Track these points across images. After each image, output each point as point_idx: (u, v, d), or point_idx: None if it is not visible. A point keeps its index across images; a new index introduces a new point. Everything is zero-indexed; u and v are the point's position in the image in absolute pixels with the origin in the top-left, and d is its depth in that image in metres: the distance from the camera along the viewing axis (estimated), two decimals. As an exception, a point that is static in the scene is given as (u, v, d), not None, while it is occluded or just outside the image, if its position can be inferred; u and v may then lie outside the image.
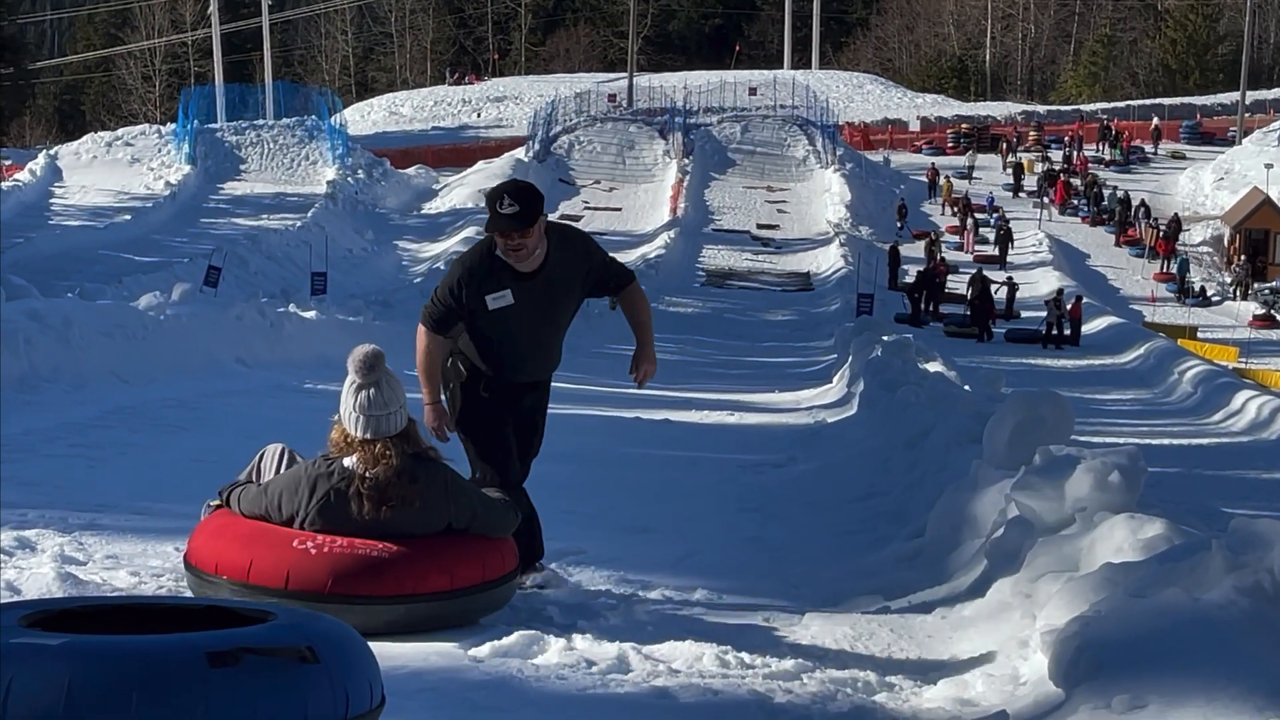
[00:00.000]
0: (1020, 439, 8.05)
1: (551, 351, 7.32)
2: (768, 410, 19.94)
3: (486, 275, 6.98)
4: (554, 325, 7.23)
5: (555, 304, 7.13)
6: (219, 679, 3.84)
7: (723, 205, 66.22)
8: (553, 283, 7.06)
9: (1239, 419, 29.12)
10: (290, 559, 6.30)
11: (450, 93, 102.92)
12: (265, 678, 3.92)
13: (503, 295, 6.98)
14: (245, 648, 3.94)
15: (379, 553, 6.32)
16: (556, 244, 7.08)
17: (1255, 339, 46.26)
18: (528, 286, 7.00)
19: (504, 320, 7.03)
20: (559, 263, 7.06)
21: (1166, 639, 4.81)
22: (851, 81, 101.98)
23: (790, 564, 8.44)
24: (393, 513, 6.40)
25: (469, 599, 6.46)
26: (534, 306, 7.04)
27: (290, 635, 4.10)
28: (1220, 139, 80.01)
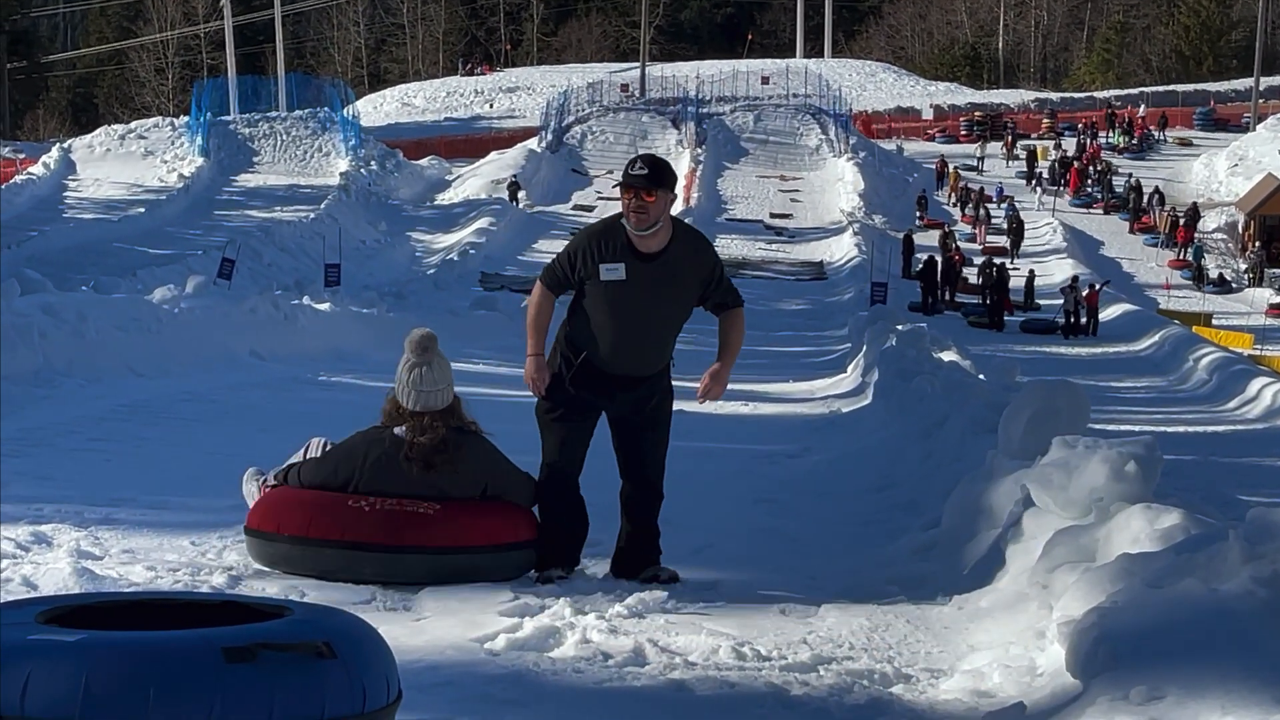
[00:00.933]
0: (1036, 429, 8.02)
1: (654, 348, 7.31)
2: (782, 400, 19.93)
3: (608, 244, 7.11)
4: (661, 318, 7.23)
5: (666, 296, 7.16)
6: (235, 674, 3.85)
7: (736, 195, 66.19)
8: (668, 272, 7.12)
9: (1254, 406, 29.07)
10: (346, 515, 7.20)
11: (463, 83, 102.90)
12: (282, 673, 3.93)
13: (617, 268, 7.07)
14: (262, 643, 3.95)
15: (423, 510, 7.25)
16: (682, 237, 7.21)
17: (1270, 325, 46.14)
18: (644, 268, 7.07)
19: (612, 297, 7.10)
20: (680, 255, 7.15)
21: (1184, 630, 4.79)
22: (864, 70, 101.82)
23: (806, 555, 8.42)
24: (436, 476, 7.31)
25: (501, 555, 7.32)
26: (644, 291, 7.09)
27: (307, 630, 4.11)
28: (1234, 125, 79.80)
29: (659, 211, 7.01)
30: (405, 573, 7.14)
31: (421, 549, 7.17)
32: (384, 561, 7.15)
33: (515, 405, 16.98)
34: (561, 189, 66.74)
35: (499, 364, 23.34)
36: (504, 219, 57.78)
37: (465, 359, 22.89)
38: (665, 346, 7.38)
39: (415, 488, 7.31)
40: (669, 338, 7.37)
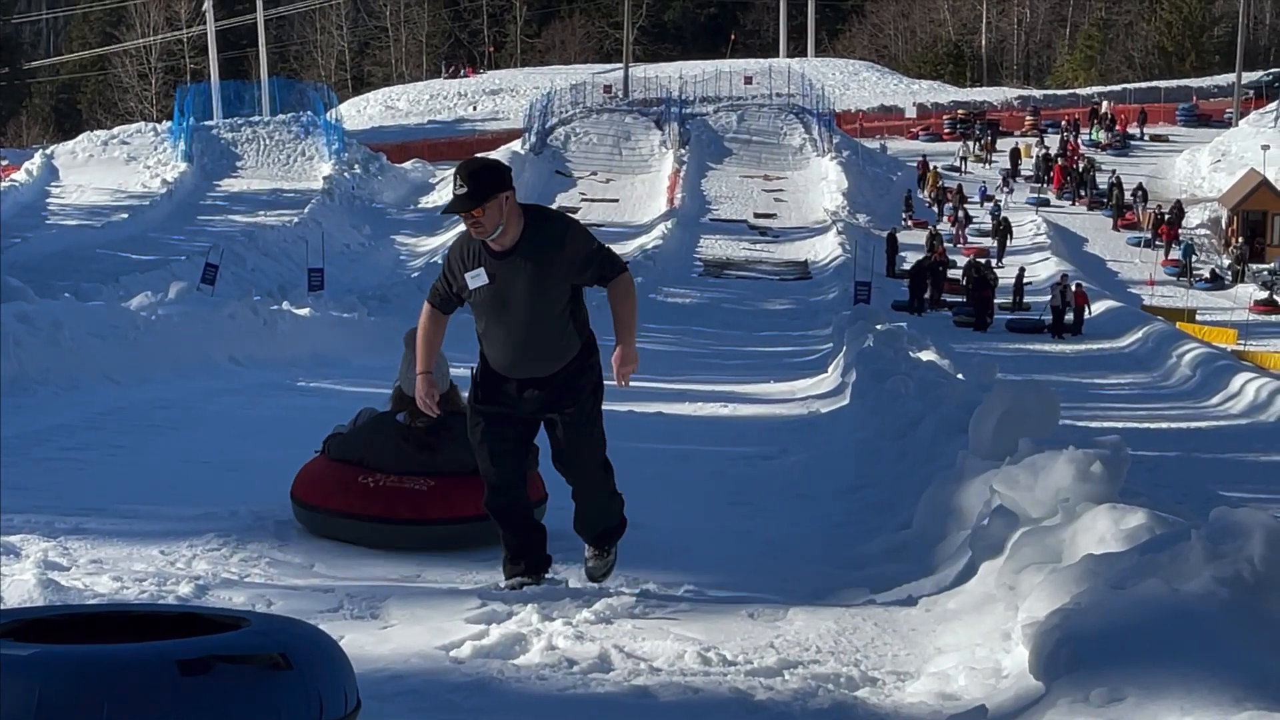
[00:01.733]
0: (1005, 429, 8.03)
1: (545, 343, 7.07)
2: (762, 401, 19.90)
3: (468, 252, 6.98)
4: (537, 311, 6.99)
5: (536, 287, 6.94)
6: (190, 687, 3.83)
7: (719, 195, 66.17)
8: (529, 263, 6.91)
9: (1237, 401, 29.12)
10: (354, 489, 8.42)
11: (446, 86, 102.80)
12: (237, 685, 3.91)
13: (478, 274, 6.93)
14: (216, 656, 3.93)
15: (418, 486, 8.45)
16: (535, 224, 6.98)
17: (1254, 320, 46.21)
18: (503, 265, 6.90)
19: (485, 303, 6.98)
20: (536, 243, 6.92)
21: (1146, 631, 4.79)
22: (847, 69, 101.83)
23: (778, 558, 8.41)
24: (431, 456, 8.52)
25: (477, 525, 7.93)
26: (510, 288, 6.92)
27: (262, 642, 4.10)
28: (1217, 121, 79.86)
29: (495, 219, 6.82)
30: (403, 542, 8.33)
31: (417, 521, 8.38)
32: (384, 532, 8.38)
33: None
34: (545, 191, 66.63)
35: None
36: (488, 221, 57.69)
37: (454, 363, 22.88)
38: (558, 339, 7.09)
39: (413, 466, 8.57)
40: (556, 329, 7.07)
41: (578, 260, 7.01)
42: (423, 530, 8.37)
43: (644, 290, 45.25)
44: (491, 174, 6.90)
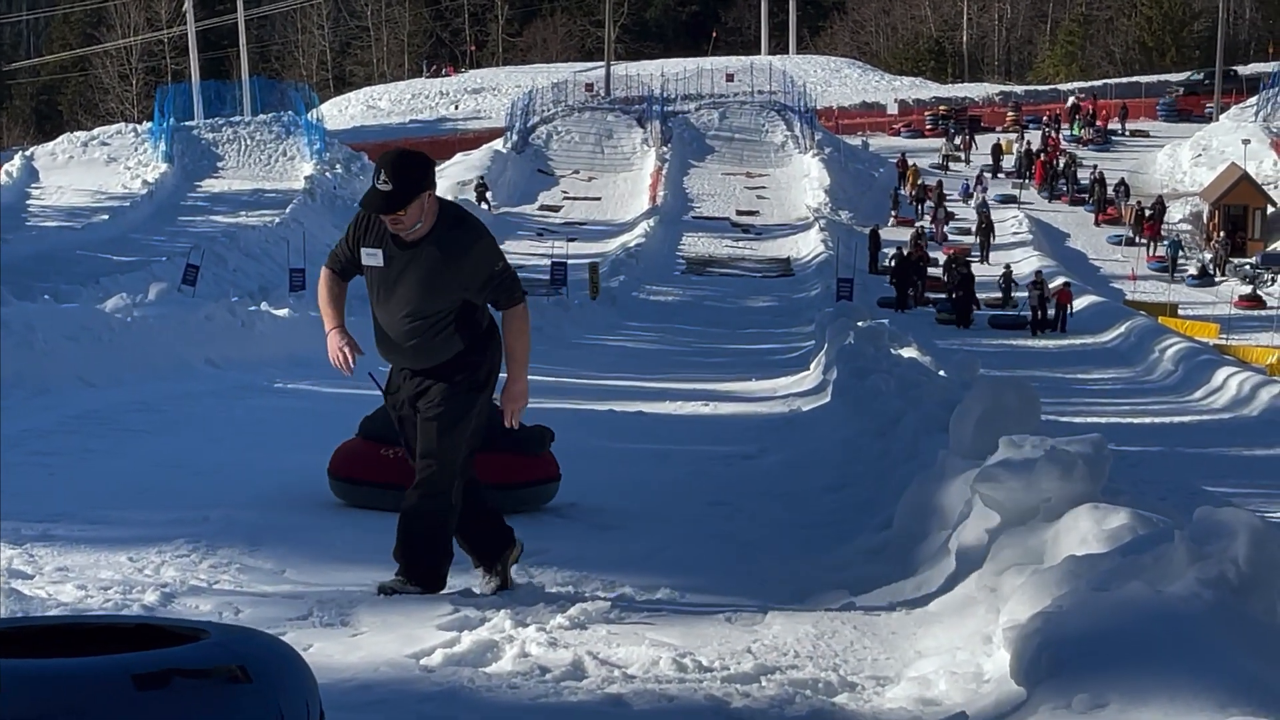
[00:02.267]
0: (986, 427, 7.91)
1: (419, 341, 6.75)
2: (744, 400, 19.82)
3: (369, 228, 6.72)
4: (422, 309, 6.69)
5: (427, 285, 6.65)
6: (147, 702, 3.70)
7: (702, 192, 66.10)
8: (428, 261, 6.63)
9: (1220, 395, 29.14)
10: (377, 462, 9.49)
11: (427, 85, 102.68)
12: (195, 699, 3.80)
13: (375, 254, 6.67)
14: (174, 669, 3.80)
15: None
16: (448, 225, 6.69)
17: (1236, 315, 46.20)
18: (402, 255, 6.64)
19: (374, 283, 6.73)
20: (441, 244, 6.63)
21: (1128, 635, 4.69)
22: (829, 66, 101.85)
23: (756, 559, 8.30)
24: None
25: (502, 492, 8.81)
26: (402, 279, 6.66)
27: (221, 654, 3.96)
28: (1197, 116, 79.89)
29: (416, 217, 6.57)
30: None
31: None
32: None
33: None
34: (528, 189, 66.61)
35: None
36: (470, 221, 57.58)
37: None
38: (433, 338, 6.74)
39: None
40: (434, 329, 6.73)
41: (478, 276, 6.72)
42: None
43: (626, 289, 45.25)
44: (417, 171, 6.63)
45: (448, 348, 6.77)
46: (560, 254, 44.86)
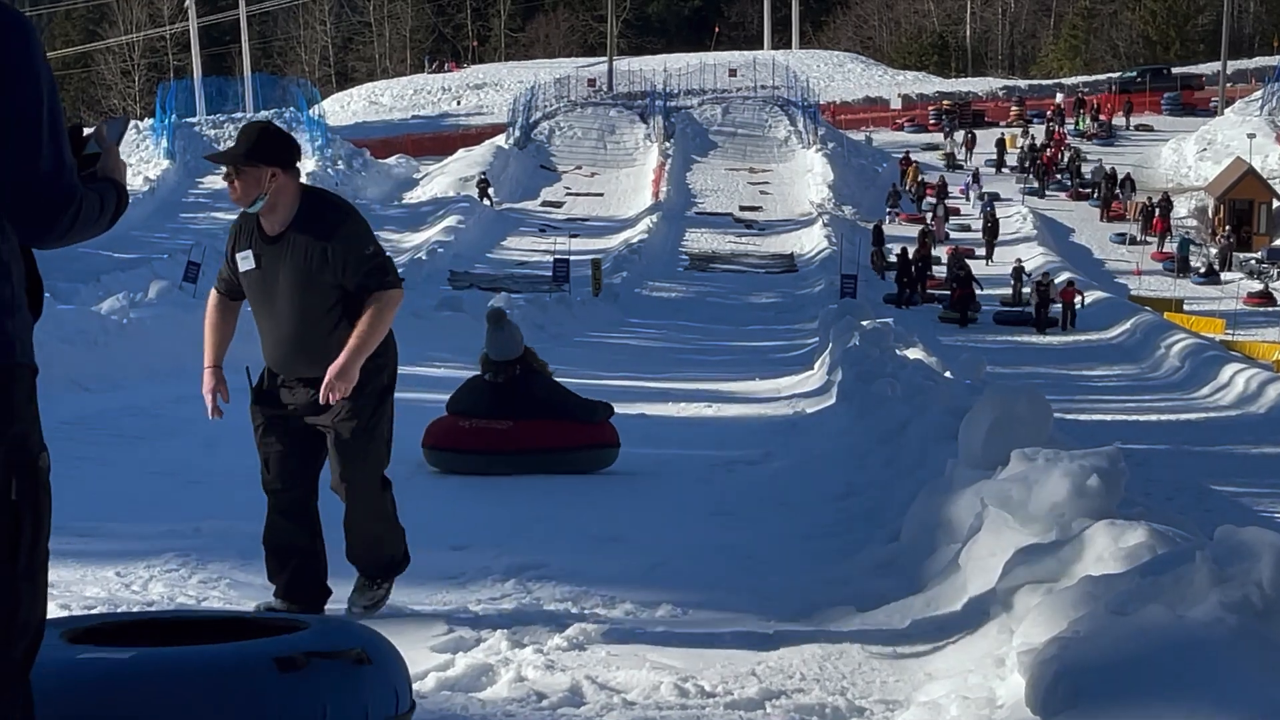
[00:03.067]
0: (996, 437, 7.71)
1: (311, 342, 6.31)
2: (747, 400, 19.62)
3: (240, 231, 6.40)
4: (303, 307, 6.29)
5: (301, 280, 6.25)
6: (288, 683, 4.11)
7: (705, 188, 65.88)
8: (294, 253, 6.25)
9: (1227, 392, 28.97)
10: (456, 431, 12.10)
11: (430, 81, 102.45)
12: (329, 679, 4.22)
13: (246, 256, 6.32)
14: (310, 652, 4.24)
15: (499, 426, 12.07)
16: (312, 210, 6.29)
17: (1242, 310, 45.94)
18: (271, 251, 6.28)
19: (251, 289, 6.37)
20: (305, 231, 6.24)
21: (1149, 662, 4.50)
22: (832, 60, 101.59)
23: (761, 574, 8.08)
24: (509, 404, 12.14)
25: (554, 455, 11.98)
26: (275, 278, 6.29)
27: (344, 640, 4.41)
28: (1202, 110, 79.64)
29: (252, 190, 6.16)
30: (493, 468, 11.80)
31: (500, 451, 11.95)
32: (478, 461, 11.92)
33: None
34: (530, 185, 66.40)
35: (462, 367, 22.99)
36: (472, 217, 57.43)
37: (426, 362, 22.52)
38: (326, 337, 6.30)
39: (496, 411, 12.14)
40: (325, 327, 6.30)
41: (348, 259, 6.25)
42: (505, 459, 11.93)
43: (629, 285, 45.04)
44: (271, 142, 6.25)
45: (341, 347, 6.30)
46: (562, 250, 44.66)
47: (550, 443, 12.03)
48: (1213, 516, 16.66)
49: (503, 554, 8.16)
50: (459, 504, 10.12)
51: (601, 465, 12.12)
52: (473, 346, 26.58)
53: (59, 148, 3.44)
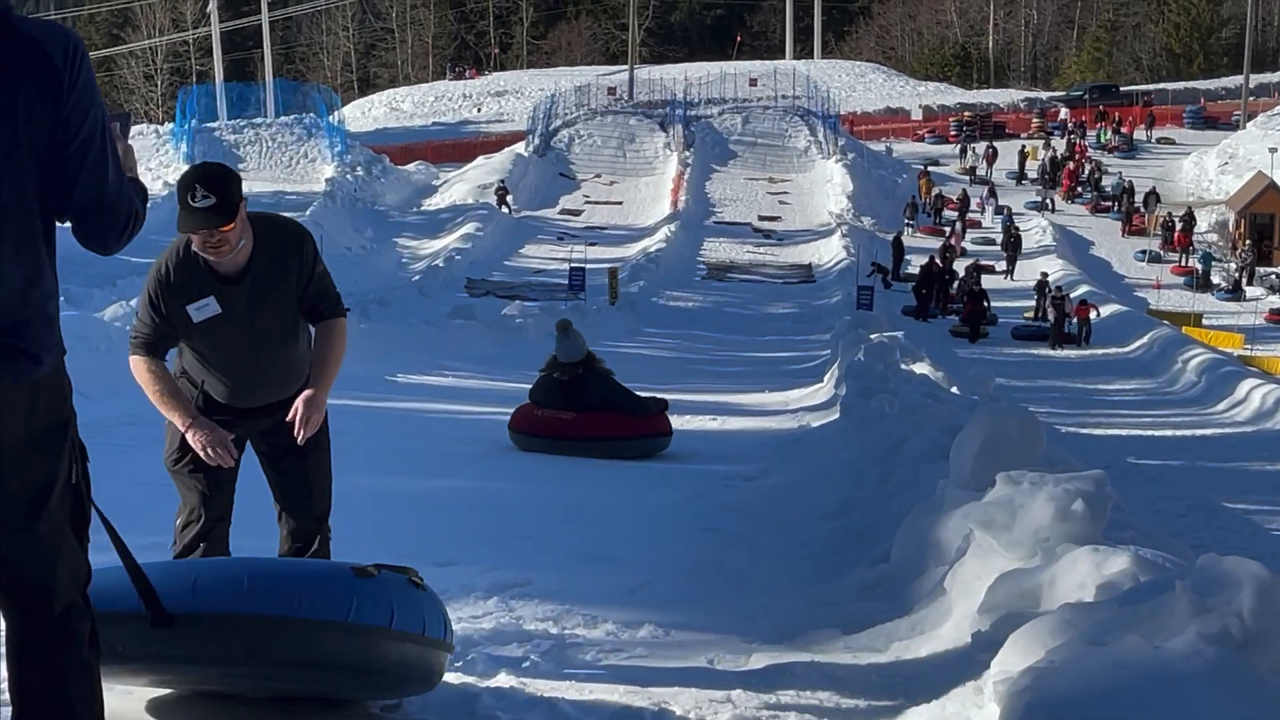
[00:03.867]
0: (986, 457, 7.61)
1: (282, 369, 6.09)
2: (753, 413, 19.52)
3: (185, 281, 5.82)
4: (275, 338, 6.01)
5: (270, 311, 5.96)
6: (364, 585, 4.95)
7: (724, 197, 65.78)
8: (264, 285, 5.91)
9: (1243, 408, 28.83)
10: (532, 419, 14.66)
11: (451, 88, 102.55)
12: (395, 589, 5.06)
13: (207, 304, 5.84)
14: (378, 565, 5.08)
15: (565, 417, 14.53)
16: (266, 239, 5.92)
17: (1261, 325, 45.70)
18: (236, 291, 5.87)
19: (216, 334, 5.92)
20: (269, 258, 5.90)
21: (1125, 693, 4.42)
22: (854, 71, 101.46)
23: (748, 593, 7.99)
24: (574, 397, 14.67)
25: (610, 443, 14.27)
26: (245, 316, 5.90)
27: (406, 569, 5.26)
28: (1224, 123, 79.38)
29: (239, 234, 5.74)
30: (561, 450, 14.11)
31: (564, 438, 14.32)
32: (546, 444, 14.34)
33: (482, 422, 16.60)
34: (549, 193, 66.36)
35: (472, 376, 22.93)
36: (490, 224, 57.41)
37: (436, 372, 22.47)
38: (295, 362, 6.10)
39: (561, 403, 14.74)
40: (294, 351, 6.09)
41: (311, 277, 5.99)
42: (570, 444, 14.25)
43: (646, 294, 44.97)
44: (233, 181, 5.72)
45: (305, 363, 6.12)
46: (579, 259, 44.55)
47: (607, 432, 14.47)
48: (1223, 534, 16.57)
49: (488, 571, 8.07)
50: (445, 520, 10.00)
51: (655, 452, 14.46)
52: (486, 355, 26.71)
53: (117, 161, 3.81)
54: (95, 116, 3.71)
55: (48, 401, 3.76)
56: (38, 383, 3.71)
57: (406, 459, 12.47)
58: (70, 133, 3.66)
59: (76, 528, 3.90)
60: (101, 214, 3.75)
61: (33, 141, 3.62)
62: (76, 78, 3.68)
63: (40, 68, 3.64)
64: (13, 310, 3.64)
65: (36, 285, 3.68)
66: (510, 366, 24.84)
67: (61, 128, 3.66)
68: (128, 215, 3.83)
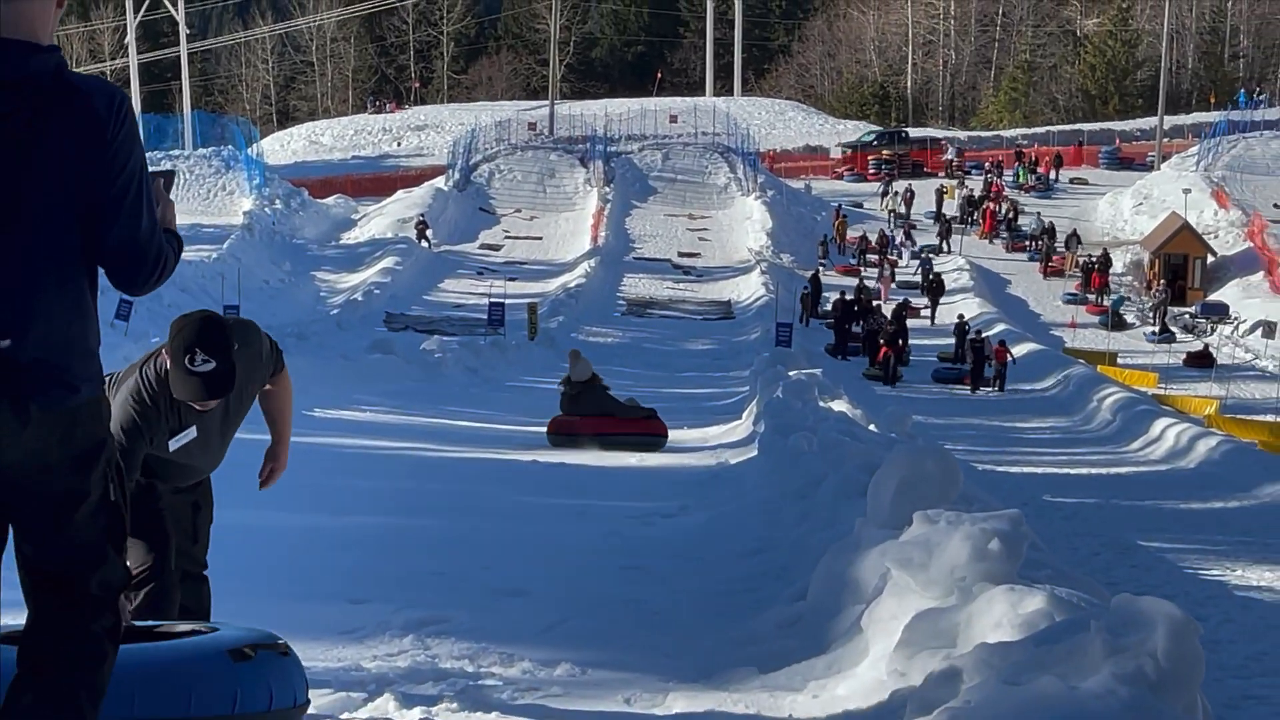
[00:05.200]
0: (904, 496, 7.61)
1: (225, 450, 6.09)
2: (673, 450, 19.51)
3: (155, 418, 5.66)
4: (234, 430, 6.03)
5: (239, 413, 5.98)
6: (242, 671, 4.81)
7: (644, 233, 65.85)
8: (237, 402, 5.90)
9: (1157, 447, 29.00)
10: (559, 423, 20.60)
11: (371, 121, 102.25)
12: (269, 665, 4.91)
13: (187, 433, 5.78)
14: (255, 644, 4.93)
15: (573, 420, 20.47)
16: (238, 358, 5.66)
17: (1175, 365, 46.08)
18: (211, 414, 5.81)
19: (180, 455, 5.85)
20: (242, 378, 5.73)
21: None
22: (773, 108, 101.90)
23: (666, 631, 7.95)
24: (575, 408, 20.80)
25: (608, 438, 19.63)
26: (219, 431, 5.91)
27: (267, 636, 5.05)
28: (1139, 164, 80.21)
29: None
30: (572, 444, 19.30)
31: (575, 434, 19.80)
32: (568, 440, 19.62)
33: (398, 458, 16.51)
34: (469, 228, 66.23)
35: (390, 411, 22.81)
36: (409, 258, 57.22)
37: (353, 406, 22.33)
38: None
39: (573, 411, 20.62)
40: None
41: (267, 371, 6.04)
42: (579, 439, 19.55)
43: (565, 329, 44.93)
44: (228, 334, 5.56)
45: None
46: (499, 294, 44.46)
47: (605, 430, 20.08)
48: (1138, 573, 16.65)
49: (404, 608, 8.00)
50: (360, 557, 9.91)
51: (650, 449, 19.54)
52: (405, 390, 26.61)
53: (151, 208, 4.14)
54: (134, 166, 4.07)
55: (85, 426, 4.07)
56: (75, 409, 4.04)
57: (322, 495, 12.34)
58: (110, 179, 4.00)
59: (114, 541, 4.17)
60: (133, 258, 4.09)
61: (76, 186, 3.97)
62: (119, 129, 4.01)
63: (86, 118, 3.98)
64: (54, 343, 3.99)
65: (77, 320, 4.04)
66: (429, 401, 24.74)
67: (103, 175, 4.00)
68: (156, 261, 4.13)
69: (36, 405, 3.97)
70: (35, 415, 3.97)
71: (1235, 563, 17.46)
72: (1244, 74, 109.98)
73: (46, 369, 3.99)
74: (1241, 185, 68.99)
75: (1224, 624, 13.15)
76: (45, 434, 3.99)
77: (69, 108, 3.97)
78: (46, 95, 3.96)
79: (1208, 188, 66.97)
